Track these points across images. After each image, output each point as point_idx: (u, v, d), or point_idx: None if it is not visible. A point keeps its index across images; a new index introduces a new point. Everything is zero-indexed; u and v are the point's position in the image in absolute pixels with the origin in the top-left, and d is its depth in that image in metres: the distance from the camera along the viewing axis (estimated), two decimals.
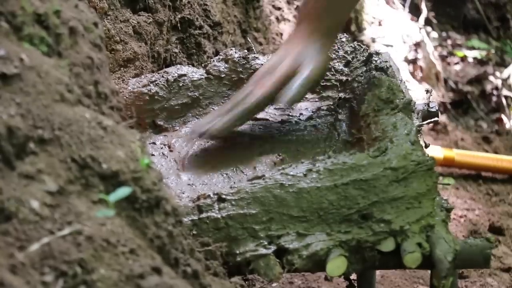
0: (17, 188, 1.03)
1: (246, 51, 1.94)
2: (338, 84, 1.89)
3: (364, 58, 1.87)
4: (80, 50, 1.27)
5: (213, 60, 1.92)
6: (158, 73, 1.90)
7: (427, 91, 1.81)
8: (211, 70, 1.90)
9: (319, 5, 1.61)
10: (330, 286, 2.40)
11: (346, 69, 1.90)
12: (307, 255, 1.47)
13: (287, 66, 1.62)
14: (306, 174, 1.48)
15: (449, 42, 4.53)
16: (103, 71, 1.31)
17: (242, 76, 1.90)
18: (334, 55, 1.91)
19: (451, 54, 4.43)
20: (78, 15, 1.29)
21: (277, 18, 3.19)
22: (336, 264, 1.47)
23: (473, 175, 3.36)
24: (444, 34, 4.57)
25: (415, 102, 1.72)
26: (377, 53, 1.85)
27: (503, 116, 3.99)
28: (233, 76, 1.90)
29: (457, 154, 3.30)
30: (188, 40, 2.40)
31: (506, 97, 4.08)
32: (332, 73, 1.89)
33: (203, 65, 1.95)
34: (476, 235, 2.83)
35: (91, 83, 1.26)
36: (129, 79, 1.97)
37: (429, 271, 1.51)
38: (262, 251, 1.46)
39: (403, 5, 4.28)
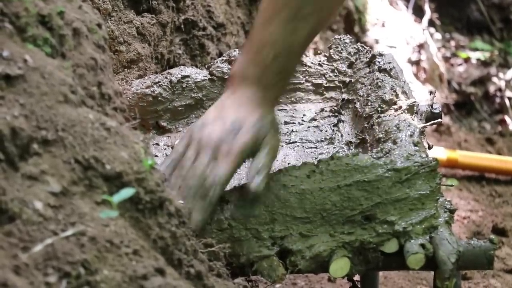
0: (21, 189, 1.03)
1: None
2: (341, 85, 1.89)
3: (368, 59, 1.87)
4: (84, 51, 1.27)
5: (217, 61, 1.92)
6: (162, 74, 1.90)
7: (431, 93, 1.81)
8: (214, 72, 1.90)
9: (267, 72, 1.53)
10: (333, 287, 2.40)
11: (349, 71, 1.90)
12: (310, 256, 1.47)
13: (247, 140, 1.47)
14: (309, 175, 1.48)
15: (452, 43, 4.53)
16: (106, 72, 1.32)
17: None
18: (337, 56, 1.91)
19: (454, 55, 4.43)
20: (81, 16, 1.30)
21: None
22: (339, 265, 1.47)
23: (477, 177, 3.36)
24: (447, 35, 4.57)
25: (418, 104, 1.72)
26: (381, 55, 1.85)
27: (506, 118, 3.99)
28: None
29: (460, 156, 3.30)
30: (192, 42, 2.40)
31: (509, 98, 4.08)
32: (335, 74, 1.90)
33: (206, 66, 1.95)
34: (480, 236, 2.83)
35: (94, 84, 1.27)
36: (132, 80, 1.97)
37: (432, 272, 1.51)
38: (265, 252, 1.47)
39: (407, 6, 4.28)
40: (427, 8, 4.35)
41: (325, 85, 1.89)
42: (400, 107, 1.68)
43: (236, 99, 1.52)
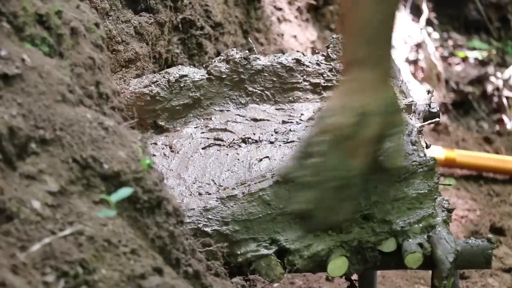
0: (19, 188, 1.03)
1: (247, 51, 1.94)
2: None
3: None
4: (82, 51, 1.27)
5: (214, 61, 1.92)
6: (160, 74, 1.90)
7: (428, 92, 1.81)
8: (212, 71, 1.90)
9: (371, 49, 1.57)
10: (331, 286, 2.40)
11: None
12: (308, 255, 1.47)
13: (373, 132, 1.53)
14: None
15: (450, 42, 4.54)
16: (104, 71, 1.32)
17: (243, 77, 1.90)
18: (335, 56, 1.91)
19: (452, 54, 4.43)
20: (79, 16, 1.30)
21: (278, 19, 3.19)
22: (337, 265, 1.47)
23: (474, 176, 3.36)
24: (445, 34, 4.57)
25: (416, 103, 1.72)
26: None
27: (504, 117, 3.99)
28: (234, 76, 1.90)
29: (458, 155, 3.30)
30: (190, 41, 2.40)
31: (507, 97, 4.08)
32: (333, 73, 1.90)
33: (204, 65, 1.95)
34: (477, 235, 2.83)
35: (92, 84, 1.27)
36: (130, 79, 1.97)
37: (430, 272, 1.51)
38: (264, 251, 1.47)
39: (404, 6, 4.28)
40: (424, 7, 4.35)
41: (323, 85, 1.89)
42: None
43: (355, 83, 1.57)
